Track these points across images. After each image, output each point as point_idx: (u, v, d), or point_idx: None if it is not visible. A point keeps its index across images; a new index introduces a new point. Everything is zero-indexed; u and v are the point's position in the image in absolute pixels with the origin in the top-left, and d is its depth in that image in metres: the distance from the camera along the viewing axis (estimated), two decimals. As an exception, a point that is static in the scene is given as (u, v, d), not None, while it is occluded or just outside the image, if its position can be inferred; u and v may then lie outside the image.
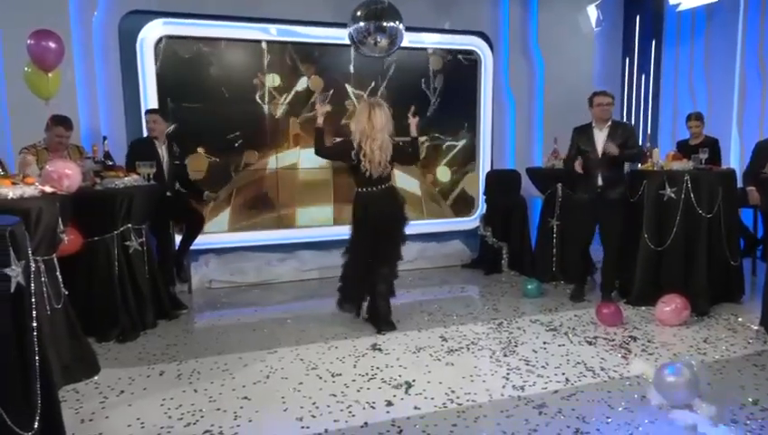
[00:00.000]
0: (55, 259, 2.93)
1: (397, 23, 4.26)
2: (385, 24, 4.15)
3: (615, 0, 6.61)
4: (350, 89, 5.58)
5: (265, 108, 5.38)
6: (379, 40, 4.20)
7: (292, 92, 5.45)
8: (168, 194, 4.52)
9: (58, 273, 2.93)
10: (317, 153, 3.88)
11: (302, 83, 5.45)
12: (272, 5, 5.20)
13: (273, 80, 5.37)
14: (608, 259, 4.36)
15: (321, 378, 3.07)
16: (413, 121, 3.85)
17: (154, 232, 4.39)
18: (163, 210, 4.40)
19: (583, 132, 4.29)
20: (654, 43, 6.62)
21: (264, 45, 5.32)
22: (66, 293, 3.00)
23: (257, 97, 5.35)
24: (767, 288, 3.67)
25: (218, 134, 5.27)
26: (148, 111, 4.63)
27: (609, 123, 4.23)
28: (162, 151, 4.55)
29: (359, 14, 4.24)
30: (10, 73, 4.30)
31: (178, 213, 4.74)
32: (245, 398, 2.83)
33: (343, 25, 4.51)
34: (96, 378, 3.06)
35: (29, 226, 2.49)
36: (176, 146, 4.67)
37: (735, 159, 5.88)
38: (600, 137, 4.22)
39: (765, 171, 4.05)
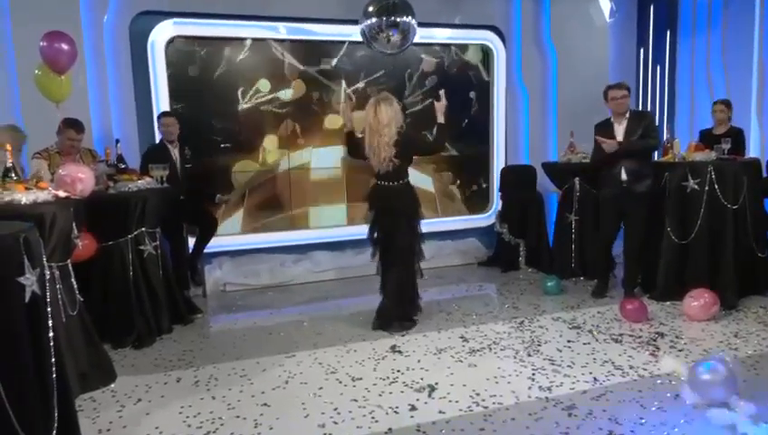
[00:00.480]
0: (70, 265, 2.88)
1: (409, 18, 4.17)
2: (398, 19, 4.06)
3: (628, -10, 6.48)
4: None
5: (270, 106, 5.32)
6: (391, 36, 4.12)
7: (299, 93, 5.39)
8: (182, 197, 4.47)
9: (73, 279, 2.88)
10: (349, 155, 4.00)
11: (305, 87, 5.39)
12: (283, 3, 5.13)
13: (280, 81, 5.31)
14: (630, 254, 4.25)
15: (341, 382, 3.00)
16: (438, 106, 3.76)
17: (167, 235, 4.35)
18: (176, 213, 4.36)
19: (603, 128, 4.19)
20: (669, 33, 6.48)
21: (274, 44, 5.25)
22: (81, 299, 2.95)
23: (266, 97, 5.29)
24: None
25: (230, 135, 5.21)
26: (163, 114, 4.60)
27: (628, 115, 4.12)
28: (175, 154, 4.54)
29: (370, 9, 4.16)
30: (22, 76, 4.27)
31: (191, 216, 4.71)
32: (265, 404, 2.76)
33: (355, 22, 4.43)
34: (113, 386, 3.01)
35: (43, 232, 2.44)
36: (187, 149, 4.65)
37: (756, 149, 5.73)
38: (620, 130, 4.12)
39: None
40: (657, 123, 4.18)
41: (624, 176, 4.07)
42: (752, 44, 5.76)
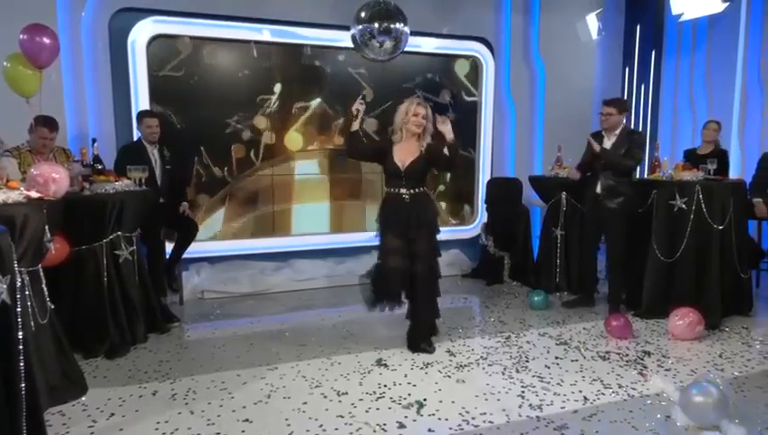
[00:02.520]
0: (41, 270, 2.71)
1: (401, 25, 4.11)
2: (390, 25, 4.00)
3: (616, 9, 6.56)
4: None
5: (260, 114, 5.20)
6: (383, 42, 4.05)
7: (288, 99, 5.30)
8: (162, 200, 4.32)
9: (44, 285, 2.71)
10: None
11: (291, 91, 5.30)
12: (269, 6, 5.04)
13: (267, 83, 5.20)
14: (612, 271, 4.27)
15: (326, 397, 2.89)
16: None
17: (144, 240, 4.18)
18: (155, 217, 4.20)
19: (595, 139, 4.20)
20: (654, 53, 6.57)
21: (254, 46, 5.14)
22: (52, 306, 2.78)
23: (255, 101, 5.18)
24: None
25: (215, 138, 5.07)
26: (146, 114, 4.41)
27: (618, 132, 4.14)
28: (155, 156, 4.38)
29: (363, 15, 4.09)
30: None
31: (170, 220, 4.54)
32: (247, 420, 2.64)
33: (345, 28, 4.36)
34: (83, 399, 2.83)
35: (13, 234, 2.28)
36: (166, 150, 4.49)
37: (736, 170, 5.83)
38: (608, 144, 4.16)
39: None
40: (645, 146, 4.16)
41: (599, 189, 4.14)
42: (735, 66, 5.87)
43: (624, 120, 4.21)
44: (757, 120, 5.77)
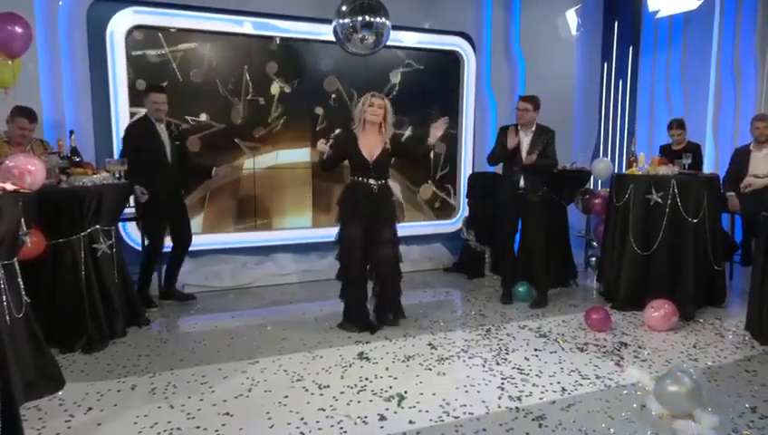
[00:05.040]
0: (16, 264, 2.66)
1: (383, 19, 4.11)
2: (371, 19, 3.99)
3: (594, 6, 6.64)
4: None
5: (240, 105, 5.16)
6: (365, 36, 4.05)
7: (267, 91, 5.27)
8: (168, 189, 4.14)
9: (19, 279, 2.67)
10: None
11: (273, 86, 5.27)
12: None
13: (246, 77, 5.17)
14: (536, 261, 4.41)
15: (307, 390, 2.89)
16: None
17: (148, 231, 4.12)
18: (164, 208, 4.09)
19: (510, 132, 4.27)
20: (631, 48, 6.67)
21: (240, 39, 5.10)
22: (28, 300, 2.73)
23: (234, 93, 5.13)
24: (752, 293, 3.68)
25: (194, 131, 5.02)
26: (154, 89, 4.10)
27: (534, 129, 4.30)
28: (164, 135, 4.10)
29: (344, 9, 4.08)
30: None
31: (174, 219, 4.30)
32: (227, 414, 2.63)
33: (327, 21, 4.34)
34: (60, 393, 2.80)
35: (-12, 227, 2.24)
36: (174, 125, 4.24)
37: (710, 164, 5.95)
38: (525, 141, 4.29)
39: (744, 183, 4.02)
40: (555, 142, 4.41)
41: (522, 183, 4.27)
42: (709, 62, 5.99)
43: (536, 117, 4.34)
44: (731, 115, 5.90)
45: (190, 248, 4.49)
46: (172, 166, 4.14)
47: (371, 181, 3.64)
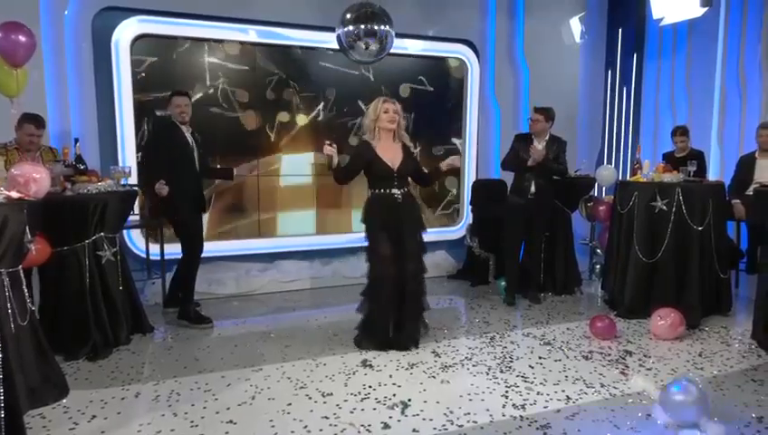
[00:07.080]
0: (21, 271, 2.68)
1: (387, 27, 4.13)
2: (375, 27, 4.01)
3: (598, 13, 6.66)
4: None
5: (241, 113, 5.19)
6: (369, 44, 4.06)
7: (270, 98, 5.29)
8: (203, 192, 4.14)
9: (24, 286, 2.68)
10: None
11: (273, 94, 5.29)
12: (255, 6, 5.03)
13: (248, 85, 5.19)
14: (533, 261, 4.67)
15: (311, 398, 2.88)
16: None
17: (185, 236, 3.99)
18: (195, 213, 4.04)
19: (523, 140, 4.52)
20: (636, 56, 6.68)
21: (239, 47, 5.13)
22: (33, 308, 2.74)
23: (236, 101, 5.16)
24: (759, 301, 3.66)
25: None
26: (177, 93, 3.99)
27: (547, 137, 4.49)
28: (189, 138, 3.99)
29: (348, 17, 4.10)
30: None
31: (183, 226, 4.12)
32: (231, 422, 2.62)
33: (331, 29, 4.37)
34: (65, 401, 2.80)
35: (-7, 235, 2.26)
36: (196, 132, 4.16)
37: (715, 172, 5.94)
38: (540, 147, 4.44)
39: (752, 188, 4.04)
40: (566, 153, 4.62)
41: (533, 189, 4.44)
42: (714, 70, 5.98)
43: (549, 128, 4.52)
44: (736, 123, 5.88)
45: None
46: (197, 168, 4.05)
47: (395, 191, 3.46)
